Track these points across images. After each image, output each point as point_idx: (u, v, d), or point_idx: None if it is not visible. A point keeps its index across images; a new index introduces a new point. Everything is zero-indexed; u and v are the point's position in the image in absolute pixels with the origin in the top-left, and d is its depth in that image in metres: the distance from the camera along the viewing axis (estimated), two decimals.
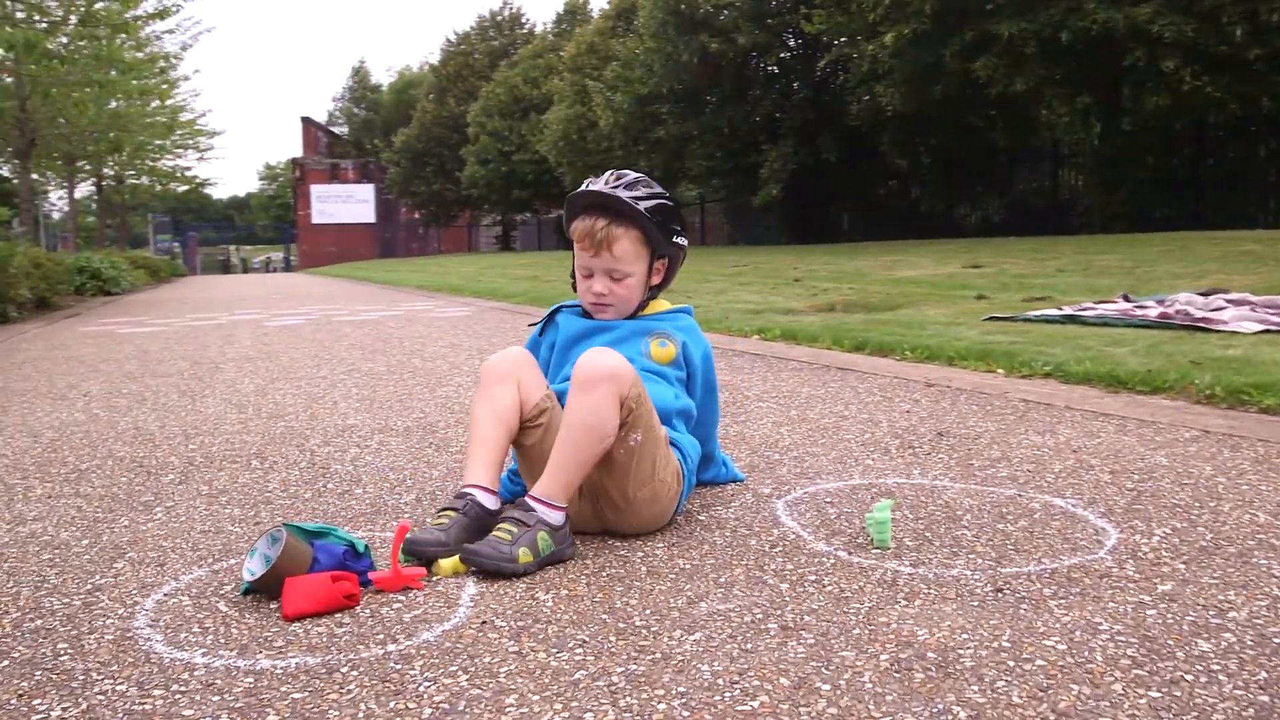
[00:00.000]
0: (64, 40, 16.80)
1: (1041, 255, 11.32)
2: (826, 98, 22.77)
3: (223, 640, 1.61)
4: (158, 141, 33.91)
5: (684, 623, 1.61)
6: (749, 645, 1.51)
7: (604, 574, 1.87)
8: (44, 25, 13.05)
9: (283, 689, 1.42)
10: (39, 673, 1.50)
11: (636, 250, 2.28)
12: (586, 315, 2.39)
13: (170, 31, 24.65)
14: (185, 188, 45.62)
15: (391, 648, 1.55)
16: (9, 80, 17.31)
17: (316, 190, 58.71)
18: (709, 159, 24.55)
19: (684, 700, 1.34)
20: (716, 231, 33.40)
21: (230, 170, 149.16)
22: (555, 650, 1.52)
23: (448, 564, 1.87)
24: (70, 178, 28.44)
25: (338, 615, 1.70)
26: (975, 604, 1.65)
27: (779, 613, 1.64)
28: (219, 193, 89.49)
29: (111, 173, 36.69)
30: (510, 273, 18.33)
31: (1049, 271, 9.46)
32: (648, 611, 1.66)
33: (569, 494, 1.97)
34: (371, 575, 1.81)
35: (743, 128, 23.02)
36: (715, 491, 2.46)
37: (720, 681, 1.39)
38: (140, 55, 23.89)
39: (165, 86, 25.52)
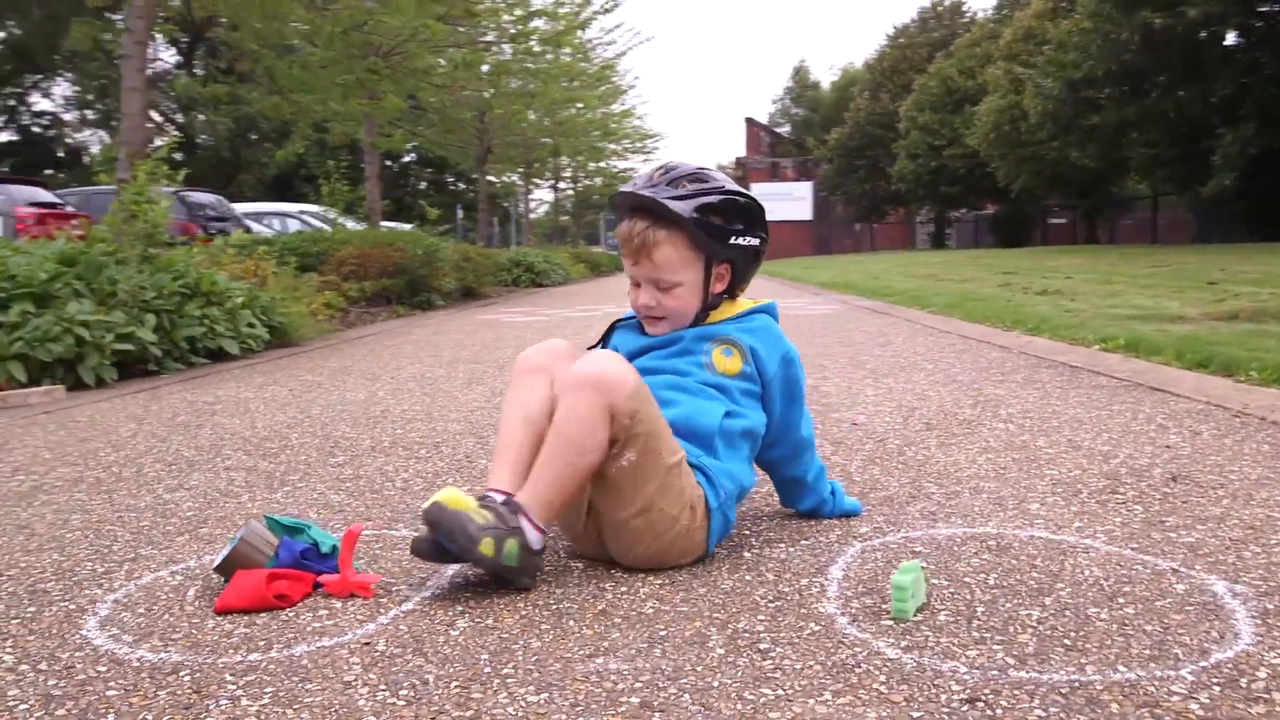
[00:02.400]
0: (506, 55, 18.73)
1: None
2: None
3: (143, 627, 1.62)
4: (609, 145, 36.89)
5: (549, 679, 1.37)
6: (578, 719, 1.24)
7: (550, 608, 1.66)
8: (484, 43, 14.60)
9: (109, 683, 1.40)
10: None
11: (682, 257, 1.98)
12: (644, 330, 2.13)
13: (611, 43, 26.43)
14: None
15: (253, 657, 1.48)
16: (469, 92, 19.59)
17: (757, 188, 60.52)
18: (1151, 146, 21.89)
19: None
20: (1178, 228, 29.85)
21: None
22: (383, 689, 1.35)
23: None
24: (526, 181, 31.68)
25: (264, 615, 1.65)
26: (917, 715, 1.24)
27: (662, 685, 1.34)
28: None
29: (568, 175, 40.54)
30: (912, 270, 17.64)
31: None
32: (533, 659, 1.44)
33: (548, 513, 1.74)
34: (322, 578, 1.74)
35: (1192, 110, 20.27)
36: (805, 526, 2.11)
37: None
38: (586, 66, 26.12)
39: (598, 93, 27.63)
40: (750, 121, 65.57)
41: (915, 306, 9.47)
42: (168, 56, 38.75)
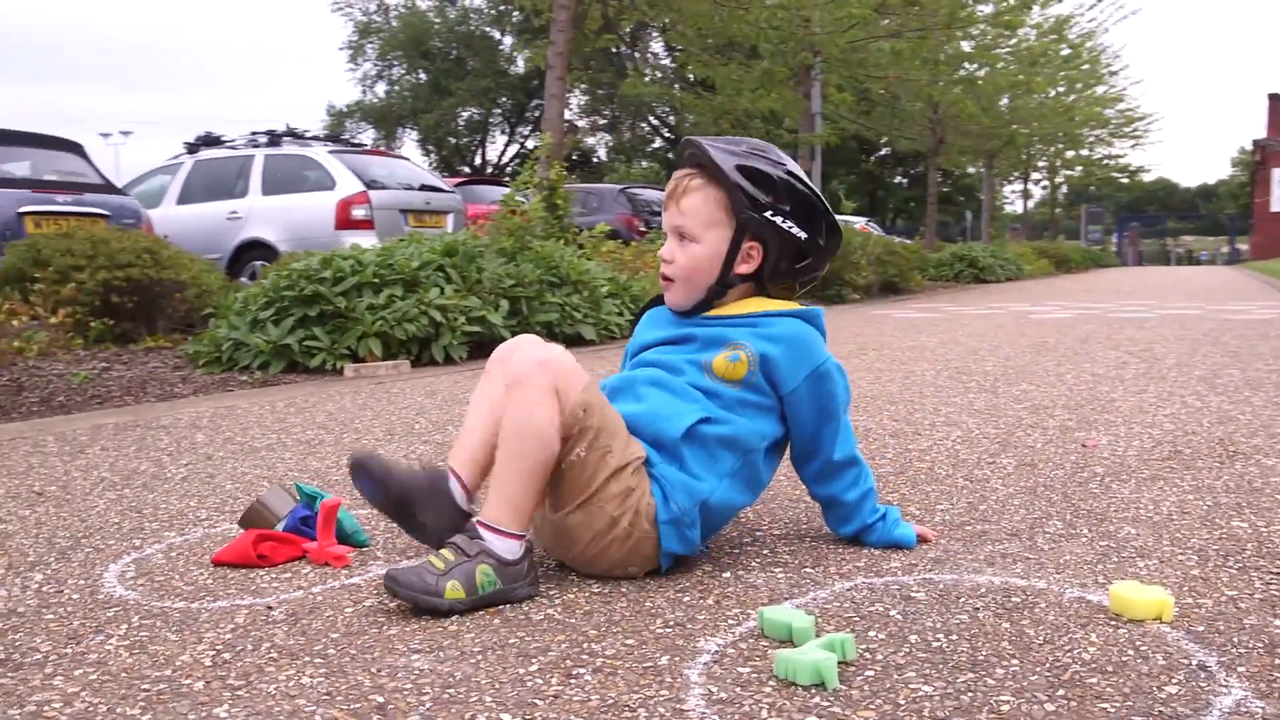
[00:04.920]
0: (965, 45, 18.00)
1: None
2: None
3: (148, 570, 1.87)
4: (1087, 132, 33.93)
5: (345, 669, 1.39)
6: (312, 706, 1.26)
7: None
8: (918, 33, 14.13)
9: (58, 609, 1.64)
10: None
11: (710, 214, 1.84)
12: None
13: (1090, 20, 24.35)
14: (1124, 177, 44.98)
15: (178, 605, 1.65)
16: (916, 79, 19.12)
17: (1278, 174, 52.48)
18: None
19: None
20: None
21: (1202, 156, 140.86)
22: (209, 652, 1.46)
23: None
24: (989, 172, 30.09)
25: (240, 570, 1.83)
26: None
27: (426, 690, 1.30)
28: (1188, 180, 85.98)
29: (1042, 165, 37.92)
30: None
31: None
32: (359, 648, 1.46)
33: (520, 518, 1.66)
34: (305, 545, 1.88)
35: None
36: (811, 551, 1.89)
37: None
38: (1059, 49, 24.31)
39: (1074, 75, 25.57)
40: (1274, 98, 56.80)
41: None
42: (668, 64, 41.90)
